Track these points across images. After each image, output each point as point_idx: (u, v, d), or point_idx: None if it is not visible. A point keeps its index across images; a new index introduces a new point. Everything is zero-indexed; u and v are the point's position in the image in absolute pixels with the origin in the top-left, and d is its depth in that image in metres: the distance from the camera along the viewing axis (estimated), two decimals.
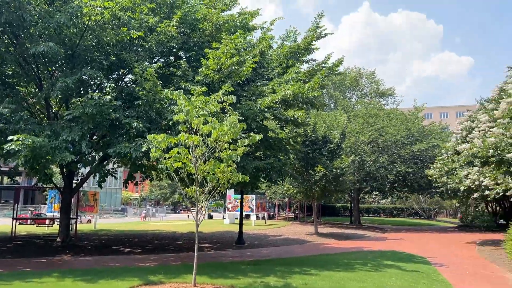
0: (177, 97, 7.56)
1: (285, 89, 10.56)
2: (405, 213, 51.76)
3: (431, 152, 26.63)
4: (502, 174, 10.19)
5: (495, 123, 10.74)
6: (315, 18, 13.27)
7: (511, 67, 17.59)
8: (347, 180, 21.97)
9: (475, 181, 15.95)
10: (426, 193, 29.28)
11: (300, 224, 31.30)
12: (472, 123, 17.60)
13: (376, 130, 27.15)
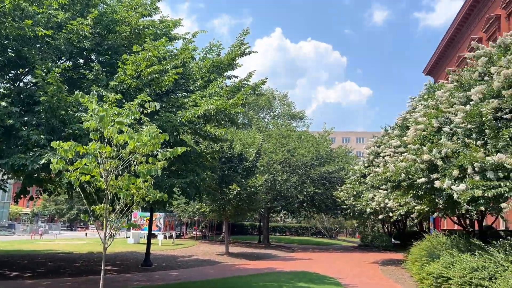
0: (88, 101, 6.65)
1: (209, 103, 10.05)
2: (309, 232, 53.42)
3: (338, 174, 27.79)
4: (411, 197, 10.64)
5: (405, 148, 11.26)
6: (240, 34, 13.07)
7: (413, 98, 19.01)
8: (260, 199, 21.94)
9: (381, 203, 16.71)
10: (332, 213, 30.44)
11: (209, 243, 30.54)
12: (378, 148, 18.51)
13: (288, 150, 27.75)
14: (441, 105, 9.99)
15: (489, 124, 7.77)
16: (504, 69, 8.20)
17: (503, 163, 7.14)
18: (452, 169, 8.38)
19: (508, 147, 7.54)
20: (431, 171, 9.20)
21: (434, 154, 8.97)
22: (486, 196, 7.39)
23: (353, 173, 19.94)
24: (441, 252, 9.66)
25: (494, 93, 8.22)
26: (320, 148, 29.10)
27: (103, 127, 6.34)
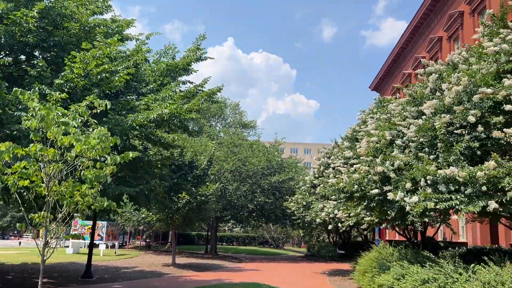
0: (29, 98, 6.05)
1: (162, 107, 9.60)
2: (256, 242, 53.32)
3: (288, 184, 27.94)
4: (363, 209, 10.73)
5: (357, 159, 11.38)
6: (197, 39, 12.73)
7: (362, 111, 19.49)
8: (210, 208, 21.50)
9: (330, 214, 16.85)
10: (281, 223, 30.50)
11: (154, 253, 29.52)
12: (329, 159, 18.75)
13: (240, 159, 27.56)
14: (394, 118, 10.20)
15: (441, 138, 7.96)
16: (455, 85, 8.46)
17: (455, 176, 7.31)
18: (404, 181, 8.51)
19: (459, 161, 7.75)
20: (384, 183, 9.30)
21: (387, 166, 9.09)
22: (438, 209, 7.53)
23: (303, 183, 20.05)
24: (391, 264, 9.78)
25: (446, 108, 8.46)
26: (271, 157, 29.18)
27: (46, 127, 5.79)
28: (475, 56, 9.82)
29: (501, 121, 7.48)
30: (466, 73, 8.19)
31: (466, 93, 8.12)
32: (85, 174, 5.92)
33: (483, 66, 8.62)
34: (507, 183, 6.88)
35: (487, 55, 9.16)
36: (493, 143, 7.61)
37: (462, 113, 7.86)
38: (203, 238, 47.64)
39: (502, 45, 8.19)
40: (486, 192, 7.04)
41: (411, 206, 8.08)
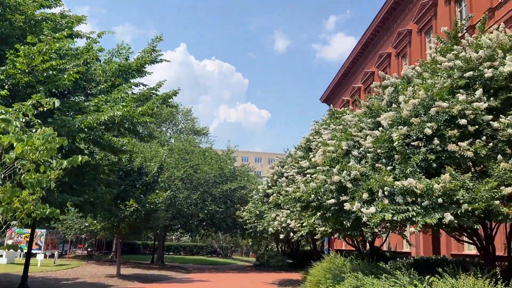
0: None
1: (115, 109, 9.03)
2: (204, 251, 52.46)
3: (239, 193, 27.67)
4: (318, 218, 10.66)
5: (314, 169, 11.34)
6: (153, 40, 12.20)
7: (316, 121, 19.69)
8: (159, 217, 20.73)
9: (283, 223, 16.75)
10: (232, 232, 30.10)
11: (97, 263, 28.08)
12: (282, 168, 18.71)
13: (191, 166, 26.95)
14: (350, 129, 10.25)
15: (399, 150, 8.03)
16: (412, 98, 8.61)
17: (412, 188, 7.37)
18: (361, 192, 8.50)
19: (415, 173, 7.84)
20: (340, 193, 9.28)
21: (344, 176, 9.07)
22: (395, 220, 7.55)
23: (256, 192, 19.87)
24: (346, 275, 9.75)
25: (402, 120, 8.58)
26: (224, 165, 28.80)
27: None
28: (428, 71, 10.12)
29: (456, 134, 7.66)
30: (422, 87, 8.36)
31: (423, 106, 8.27)
32: (26, 178, 5.32)
33: (437, 80, 8.84)
34: (461, 196, 7.02)
35: (440, 70, 9.45)
36: (448, 156, 7.77)
37: (419, 125, 7.98)
38: (148, 247, 46.15)
39: (455, 61, 8.44)
40: (441, 204, 7.14)
41: (368, 217, 8.07)
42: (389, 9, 31.94)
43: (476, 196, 6.88)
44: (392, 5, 31.49)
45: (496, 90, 8.04)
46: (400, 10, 31.19)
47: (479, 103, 7.60)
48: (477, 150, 7.34)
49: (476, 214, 6.91)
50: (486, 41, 8.46)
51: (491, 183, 6.69)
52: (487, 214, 6.97)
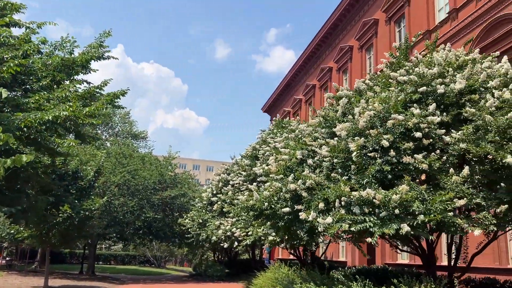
0: None
1: (61, 109, 8.23)
2: (137, 261, 50.46)
3: (179, 200, 26.89)
4: (270, 228, 10.49)
5: (266, 177, 11.20)
6: (100, 35, 11.42)
7: (263, 130, 19.68)
8: (94, 225, 19.47)
9: (227, 232, 16.42)
10: (170, 241, 29.10)
11: (20, 274, 25.87)
12: (228, 176, 18.46)
13: (129, 172, 25.74)
14: (305, 138, 10.24)
15: (357, 160, 8.09)
16: (368, 110, 8.75)
17: (370, 198, 7.41)
18: (317, 201, 8.46)
19: (371, 184, 7.92)
20: (295, 202, 9.19)
21: (299, 184, 8.99)
22: (352, 231, 7.55)
23: (199, 200, 19.38)
24: (297, 286, 9.63)
25: (358, 131, 8.68)
26: (164, 172, 27.87)
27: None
28: (379, 84, 10.40)
29: (411, 147, 7.86)
30: (377, 100, 8.52)
31: (379, 118, 8.42)
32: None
33: (390, 94, 9.07)
34: (416, 207, 7.17)
35: (393, 84, 9.74)
36: (402, 168, 7.94)
37: (376, 137, 8.10)
38: (76, 257, 43.50)
39: (411, 76, 8.72)
40: (398, 215, 7.24)
41: (324, 227, 8.02)
42: (332, 25, 33.03)
43: (431, 208, 7.06)
44: (335, 21, 32.58)
45: (447, 106, 8.38)
46: (342, 27, 32.35)
47: (433, 117, 7.87)
48: (431, 162, 7.57)
49: (431, 225, 7.08)
50: (438, 59, 8.84)
51: (448, 195, 6.89)
52: (441, 226, 7.17)
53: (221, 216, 17.65)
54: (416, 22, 22.73)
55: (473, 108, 7.85)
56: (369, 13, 28.20)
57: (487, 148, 7.15)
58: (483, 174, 7.51)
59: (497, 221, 7.20)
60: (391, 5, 25.30)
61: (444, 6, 21.05)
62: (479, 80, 8.26)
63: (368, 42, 28.10)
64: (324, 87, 34.60)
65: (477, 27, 17.86)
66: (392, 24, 25.44)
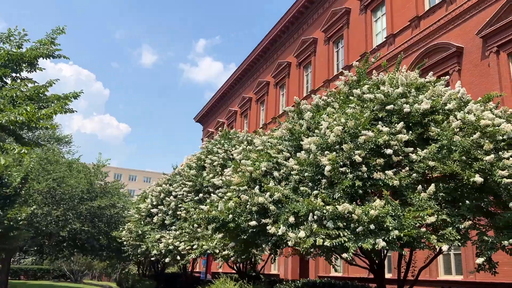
0: None
1: (17, 112, 7.24)
2: (51, 275, 46.59)
3: (109, 211, 25.32)
4: (232, 243, 10.15)
5: (226, 188, 10.89)
6: (53, 31, 10.36)
7: (209, 141, 19.27)
8: (19, 237, 17.54)
9: (169, 245, 15.72)
10: (96, 254, 27.16)
11: None
12: (171, 187, 17.80)
13: (55, 179, 23.72)
14: (269, 150, 10.13)
15: (331, 175, 8.11)
16: (336, 125, 8.87)
17: (344, 213, 7.46)
18: (286, 214, 8.35)
19: (341, 198, 7.99)
20: (261, 215, 8.99)
21: (266, 197, 8.83)
22: (326, 246, 7.52)
23: (137, 211, 18.39)
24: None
25: (328, 145, 8.75)
26: (93, 180, 26.09)
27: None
28: (338, 101, 10.64)
29: (381, 163, 8.07)
30: (351, 115, 8.67)
31: (349, 134, 8.56)
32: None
33: (356, 110, 9.28)
34: (389, 222, 7.34)
35: (351, 101, 10.01)
36: (372, 184, 8.12)
37: (347, 152, 8.21)
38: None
39: (378, 95, 9.00)
40: (372, 230, 7.35)
41: (296, 241, 7.92)
42: (271, 40, 33.68)
43: (404, 223, 7.26)
44: (274, 37, 33.27)
45: (411, 125, 8.75)
46: (281, 43, 33.08)
47: (403, 135, 8.17)
48: (401, 179, 7.83)
49: (404, 240, 7.27)
50: (403, 80, 9.25)
51: (426, 211, 7.13)
52: (412, 241, 7.39)
53: (162, 228, 16.87)
54: (354, 44, 23.90)
55: (437, 128, 8.28)
56: (309, 32, 29.17)
57: (453, 167, 7.55)
58: (446, 192, 7.90)
59: (460, 236, 7.60)
60: (330, 26, 26.38)
61: (381, 30, 22.37)
62: (441, 102, 8.75)
63: (306, 60, 28.97)
64: (261, 101, 35.00)
65: (413, 53, 19.18)
66: (331, 44, 26.50)
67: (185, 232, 15.39)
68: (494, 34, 15.24)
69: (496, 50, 15.19)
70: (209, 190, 15.94)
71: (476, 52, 16.11)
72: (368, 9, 23.21)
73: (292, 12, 30.35)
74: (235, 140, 17.15)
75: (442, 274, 16.09)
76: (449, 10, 17.69)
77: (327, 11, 27.05)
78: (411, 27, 19.79)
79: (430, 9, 18.91)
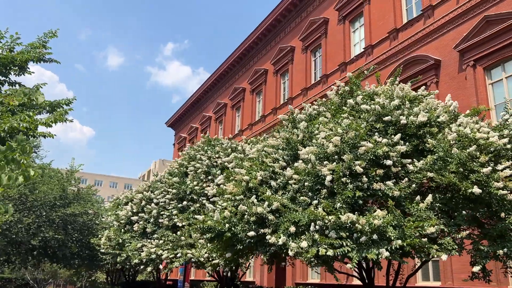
0: None
1: (18, 119, 6.90)
2: (13, 284, 44.52)
3: (83, 218, 24.50)
4: (229, 251, 10.01)
5: (219, 197, 10.79)
6: (45, 34, 9.97)
7: (191, 147, 19.07)
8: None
9: (152, 254, 15.40)
10: (68, 264, 26.12)
11: None
12: (152, 194, 17.51)
13: (26, 185, 22.74)
14: (265, 159, 10.13)
15: (331, 185, 8.19)
16: (334, 135, 8.98)
17: (347, 222, 7.55)
18: (286, 224, 8.36)
19: (342, 209, 8.08)
20: (259, 225, 8.97)
21: (264, 207, 8.81)
22: (328, 255, 7.58)
23: (116, 218, 17.92)
24: None
25: (326, 155, 8.84)
26: (66, 186, 25.17)
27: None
28: (331, 111, 10.79)
29: (381, 174, 8.24)
30: (349, 126, 8.79)
31: (348, 145, 8.69)
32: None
33: (351, 121, 9.42)
34: (390, 232, 7.49)
35: (343, 111, 10.19)
36: (371, 194, 8.27)
37: (347, 162, 8.33)
38: None
39: (375, 106, 9.19)
40: (375, 240, 7.47)
41: (297, 251, 7.95)
42: (248, 47, 33.77)
43: (406, 233, 7.43)
44: (251, 44, 33.38)
45: (407, 136, 8.98)
46: (257, 51, 33.22)
47: (402, 147, 8.38)
48: (401, 190, 8.01)
49: (405, 250, 7.43)
50: (398, 92, 9.50)
51: (431, 221, 7.31)
52: (413, 250, 7.56)
53: (143, 236, 16.52)
54: (332, 53, 24.34)
55: (433, 140, 8.54)
56: (286, 40, 29.47)
57: (451, 178, 7.80)
58: (442, 202, 8.15)
59: (457, 246, 7.84)
60: (308, 35, 26.76)
61: (359, 41, 22.89)
62: (435, 114, 9.04)
63: (283, 68, 29.25)
64: (237, 107, 34.99)
65: (391, 64, 19.72)
66: (309, 53, 26.88)
67: (168, 240, 15.12)
68: (471, 48, 15.90)
69: (472, 64, 15.85)
70: (193, 197, 15.79)
71: (453, 65, 16.75)
72: (346, 19, 23.71)
73: (269, 20, 30.59)
74: (219, 147, 17.04)
75: (420, 281, 16.53)
76: (427, 24, 18.33)
77: (305, 21, 27.44)
78: (389, 39, 20.35)
79: (408, 22, 19.53)
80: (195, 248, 13.91)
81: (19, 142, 3.63)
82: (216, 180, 11.67)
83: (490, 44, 15.30)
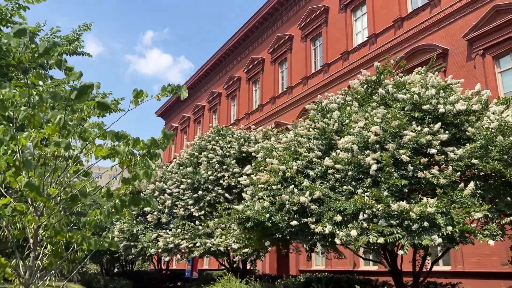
0: None
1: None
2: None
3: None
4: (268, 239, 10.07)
5: (253, 188, 10.80)
6: (79, 27, 9.69)
7: (200, 137, 18.97)
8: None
9: (169, 243, 15.35)
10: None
11: None
12: (164, 184, 17.39)
13: None
14: (300, 149, 10.18)
15: (382, 174, 8.31)
16: (371, 124, 9.09)
17: (399, 210, 7.70)
18: (331, 213, 8.46)
19: (389, 198, 8.21)
20: (300, 214, 9.06)
21: (306, 196, 8.89)
22: (380, 243, 7.73)
23: None
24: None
25: (367, 144, 8.95)
26: None
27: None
28: (359, 100, 10.90)
29: (425, 162, 8.40)
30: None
31: (390, 134, 8.81)
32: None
33: (384, 111, 9.51)
34: (440, 219, 7.67)
35: (372, 100, 10.31)
36: (415, 182, 8.43)
37: (391, 151, 8.45)
38: None
39: (414, 95, 9.32)
40: (425, 227, 7.65)
41: (345, 239, 8.08)
42: (243, 35, 33.47)
43: (455, 220, 7.62)
44: (247, 32, 33.08)
45: (444, 125, 9.15)
46: (253, 39, 32.95)
47: (443, 135, 8.54)
48: (446, 177, 8.19)
49: (455, 236, 7.63)
50: (433, 81, 9.65)
51: (470, 208, 7.52)
52: (460, 236, 7.78)
53: (157, 227, 16.45)
54: (333, 42, 24.36)
55: (472, 128, 8.73)
56: (284, 28, 29.33)
57: (495, 165, 8.02)
58: (484, 189, 8.37)
59: (501, 231, 8.10)
60: (308, 24, 26.70)
61: (362, 30, 22.98)
62: (471, 103, 9.23)
63: (282, 56, 29.14)
64: (232, 96, 34.81)
65: (397, 53, 19.84)
66: (308, 42, 26.85)
67: (185, 230, 15.11)
68: (480, 37, 16.18)
69: (482, 53, 16.15)
70: (208, 187, 15.76)
71: (461, 54, 17.02)
72: (348, 8, 23.74)
73: (266, 9, 30.36)
74: (230, 137, 17.00)
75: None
76: (434, 13, 18.52)
77: (304, 9, 27.34)
78: (394, 28, 20.49)
79: (413, 11, 19.68)
80: (213, 237, 13.91)
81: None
82: (245, 170, 11.65)
83: (500, 34, 15.58)
